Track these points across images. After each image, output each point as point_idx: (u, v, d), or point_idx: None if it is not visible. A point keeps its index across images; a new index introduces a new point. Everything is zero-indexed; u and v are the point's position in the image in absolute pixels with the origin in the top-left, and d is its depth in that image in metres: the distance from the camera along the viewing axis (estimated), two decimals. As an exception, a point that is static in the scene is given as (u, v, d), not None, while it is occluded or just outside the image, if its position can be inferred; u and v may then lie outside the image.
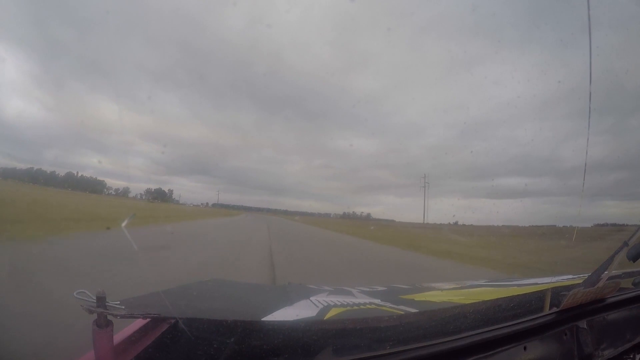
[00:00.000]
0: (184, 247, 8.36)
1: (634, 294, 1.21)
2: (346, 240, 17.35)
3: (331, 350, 0.75)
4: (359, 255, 10.53)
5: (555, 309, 0.98)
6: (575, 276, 1.44)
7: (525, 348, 0.89)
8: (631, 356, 1.06)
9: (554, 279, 1.43)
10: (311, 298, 1.11)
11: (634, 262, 1.17)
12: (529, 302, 1.00)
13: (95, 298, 0.71)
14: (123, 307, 0.73)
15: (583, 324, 1.02)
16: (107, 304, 0.71)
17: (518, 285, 1.49)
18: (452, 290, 1.48)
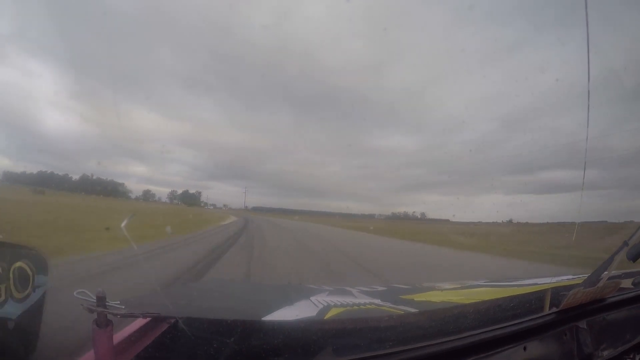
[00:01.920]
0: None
1: (634, 294, 1.21)
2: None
3: (331, 350, 0.75)
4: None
5: (555, 309, 0.98)
6: (575, 276, 1.44)
7: (525, 348, 0.89)
8: (631, 356, 1.05)
9: (553, 279, 1.43)
10: (311, 298, 1.11)
11: (633, 262, 1.17)
12: (529, 302, 1.00)
13: (95, 298, 0.71)
14: (123, 306, 0.73)
15: (583, 324, 1.01)
16: (107, 303, 0.71)
17: (518, 286, 1.49)
18: (452, 290, 1.48)
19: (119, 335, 0.80)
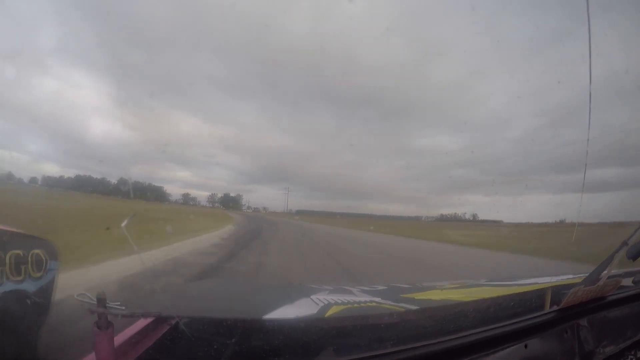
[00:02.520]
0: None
1: (634, 291, 1.22)
2: None
3: (332, 348, 0.75)
4: None
5: (555, 307, 0.98)
6: (575, 276, 1.44)
7: (526, 346, 0.90)
8: (632, 353, 1.06)
9: (554, 278, 1.43)
10: (312, 297, 1.11)
11: (633, 260, 1.17)
12: (530, 301, 1.00)
13: (95, 299, 0.71)
14: (123, 307, 0.73)
15: (584, 321, 1.02)
16: (107, 304, 0.71)
17: (518, 285, 1.49)
18: (452, 289, 1.47)
19: (120, 337, 0.80)
